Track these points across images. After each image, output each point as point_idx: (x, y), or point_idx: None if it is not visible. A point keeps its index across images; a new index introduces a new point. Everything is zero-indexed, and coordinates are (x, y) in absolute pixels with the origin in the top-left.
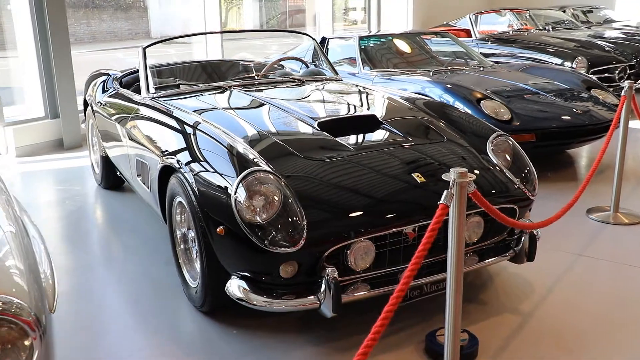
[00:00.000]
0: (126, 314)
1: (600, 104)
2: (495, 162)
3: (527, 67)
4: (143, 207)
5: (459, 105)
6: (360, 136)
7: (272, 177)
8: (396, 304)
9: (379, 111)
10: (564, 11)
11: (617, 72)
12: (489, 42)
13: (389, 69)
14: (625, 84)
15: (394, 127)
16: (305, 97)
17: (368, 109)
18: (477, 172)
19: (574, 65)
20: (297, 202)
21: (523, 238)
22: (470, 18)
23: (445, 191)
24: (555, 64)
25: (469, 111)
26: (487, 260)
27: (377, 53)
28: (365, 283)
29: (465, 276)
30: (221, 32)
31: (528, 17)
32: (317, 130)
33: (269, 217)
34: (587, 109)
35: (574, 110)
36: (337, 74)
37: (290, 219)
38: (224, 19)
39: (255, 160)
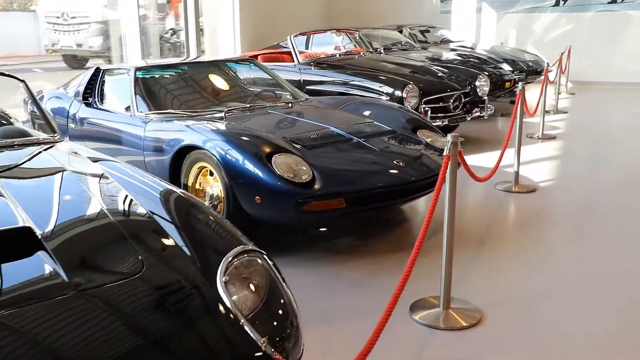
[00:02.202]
0: None
1: (430, 148)
2: (229, 303)
3: (347, 103)
4: None
5: (248, 165)
6: None
7: None
8: None
9: (55, 215)
10: (401, 31)
11: (451, 100)
12: (312, 68)
13: (168, 111)
14: (448, 137)
15: (57, 254)
16: None
17: (36, 212)
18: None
19: (404, 94)
20: None
21: None
22: (291, 40)
23: None
24: (386, 93)
25: (259, 172)
26: None
27: (162, 89)
28: None
29: None
30: None
31: (358, 38)
32: None
33: None
34: (413, 158)
35: (395, 162)
36: (55, 132)
37: None
38: None
39: None
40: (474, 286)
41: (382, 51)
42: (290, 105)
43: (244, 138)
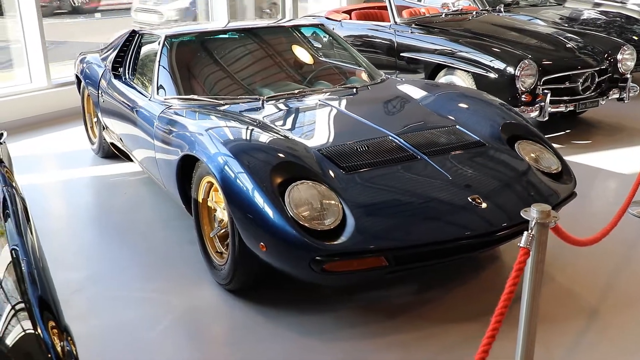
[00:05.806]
0: None
1: (528, 172)
2: None
3: (434, 93)
4: None
5: (253, 195)
6: None
7: None
8: None
9: None
10: None
11: (581, 80)
12: (410, 30)
13: (191, 96)
14: (533, 212)
15: None
16: None
17: None
18: None
19: (517, 73)
20: None
21: None
22: None
23: None
24: (496, 69)
25: (266, 208)
26: None
27: (194, 64)
28: None
29: None
30: None
31: None
32: None
33: None
34: (498, 191)
35: (471, 198)
36: None
37: None
38: None
39: None
40: None
41: (502, 10)
42: (355, 90)
43: (253, 153)
